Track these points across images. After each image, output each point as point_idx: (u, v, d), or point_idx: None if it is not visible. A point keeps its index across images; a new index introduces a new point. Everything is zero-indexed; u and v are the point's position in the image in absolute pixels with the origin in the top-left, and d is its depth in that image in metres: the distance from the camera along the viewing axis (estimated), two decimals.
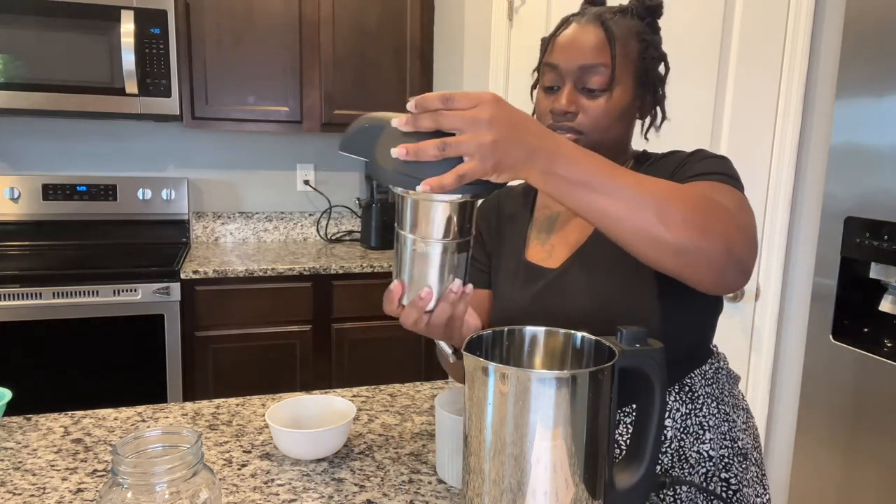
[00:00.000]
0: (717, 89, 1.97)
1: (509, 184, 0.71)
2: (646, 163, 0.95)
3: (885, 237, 1.61)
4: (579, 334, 0.70)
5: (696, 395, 0.92)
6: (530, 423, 0.59)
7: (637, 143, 0.99)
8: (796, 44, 1.97)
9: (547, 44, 0.94)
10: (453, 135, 0.61)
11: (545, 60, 0.93)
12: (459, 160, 0.61)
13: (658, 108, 0.96)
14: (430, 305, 0.70)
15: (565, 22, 0.92)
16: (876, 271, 1.68)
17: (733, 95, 1.97)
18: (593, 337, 0.69)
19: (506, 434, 0.60)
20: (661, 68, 0.95)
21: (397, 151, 0.62)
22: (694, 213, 0.66)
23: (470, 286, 0.72)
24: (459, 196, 0.65)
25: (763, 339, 2.08)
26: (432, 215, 0.67)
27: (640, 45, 0.91)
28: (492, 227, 1.07)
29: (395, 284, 0.71)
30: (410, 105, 0.63)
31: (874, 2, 1.64)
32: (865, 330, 1.75)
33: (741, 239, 0.70)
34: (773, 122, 2.02)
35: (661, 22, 0.95)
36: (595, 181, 0.64)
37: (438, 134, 0.62)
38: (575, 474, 0.60)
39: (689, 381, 0.92)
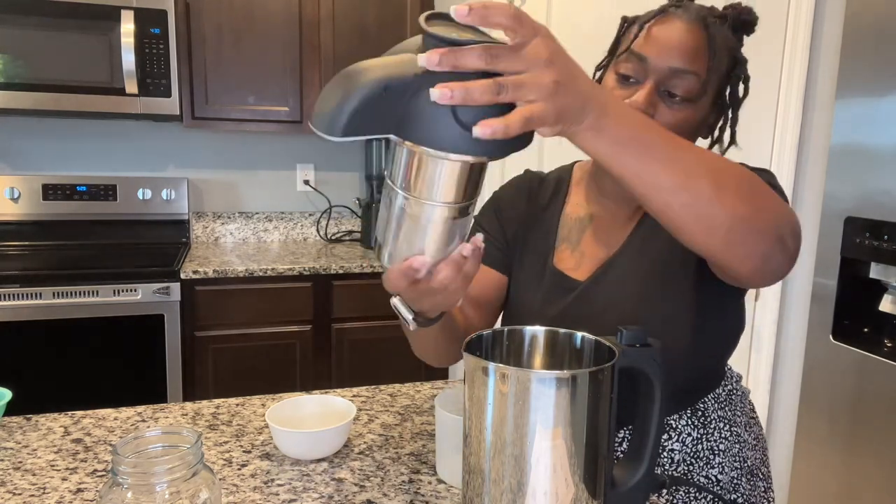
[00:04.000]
0: None
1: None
2: None
3: (885, 237, 1.61)
4: (579, 334, 0.70)
5: (708, 419, 0.89)
6: (530, 423, 0.58)
7: None
8: (796, 44, 1.97)
9: (632, 25, 0.84)
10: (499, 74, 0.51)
11: (633, 48, 0.81)
12: (501, 109, 0.52)
13: (729, 131, 0.88)
14: (422, 274, 0.62)
15: (663, 11, 0.82)
16: (876, 271, 1.68)
17: None
18: (593, 337, 0.69)
19: (506, 434, 0.60)
20: (741, 92, 0.87)
21: (438, 93, 0.50)
22: (750, 193, 0.61)
23: (479, 238, 0.64)
24: (479, 157, 0.55)
25: (763, 339, 2.08)
26: (444, 176, 0.56)
27: (731, 62, 0.83)
28: (520, 211, 0.99)
29: (388, 254, 0.62)
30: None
31: (874, 2, 1.64)
32: (865, 330, 1.75)
33: (790, 222, 0.66)
34: (773, 122, 2.02)
35: None
36: (648, 142, 0.57)
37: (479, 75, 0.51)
38: (575, 474, 0.60)
39: (702, 405, 0.89)
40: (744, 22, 0.85)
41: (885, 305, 1.66)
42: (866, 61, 1.66)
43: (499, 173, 1.79)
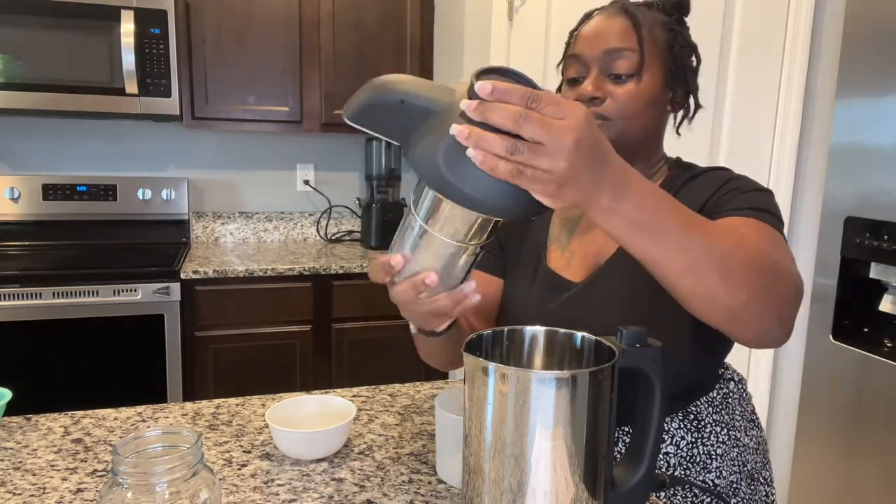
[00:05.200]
0: (718, 89, 1.97)
1: None
2: (683, 174, 0.91)
3: (885, 237, 1.61)
4: (579, 334, 0.70)
5: (702, 423, 0.89)
6: (530, 423, 0.58)
7: (668, 143, 0.95)
8: (796, 44, 1.98)
9: (570, 38, 0.92)
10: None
11: (568, 53, 0.90)
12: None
13: (691, 99, 0.92)
14: (427, 294, 0.67)
15: (588, 16, 0.90)
16: (876, 271, 1.68)
17: (733, 95, 1.97)
18: (593, 337, 0.69)
19: (506, 434, 0.60)
20: (693, 61, 0.91)
21: (457, 129, 0.52)
22: (757, 277, 0.63)
23: (474, 292, 0.69)
24: (495, 216, 0.59)
25: None
26: (458, 220, 0.61)
27: (667, 33, 0.88)
28: None
29: (397, 259, 0.66)
30: (485, 89, 0.51)
31: (874, 2, 1.64)
32: (865, 330, 1.75)
33: (794, 305, 0.69)
34: (773, 122, 2.02)
35: None
36: (662, 228, 0.58)
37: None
38: (575, 474, 0.60)
39: (694, 408, 0.89)
40: (675, 4, 0.91)
41: (885, 305, 1.66)
42: (866, 61, 1.66)
43: None
